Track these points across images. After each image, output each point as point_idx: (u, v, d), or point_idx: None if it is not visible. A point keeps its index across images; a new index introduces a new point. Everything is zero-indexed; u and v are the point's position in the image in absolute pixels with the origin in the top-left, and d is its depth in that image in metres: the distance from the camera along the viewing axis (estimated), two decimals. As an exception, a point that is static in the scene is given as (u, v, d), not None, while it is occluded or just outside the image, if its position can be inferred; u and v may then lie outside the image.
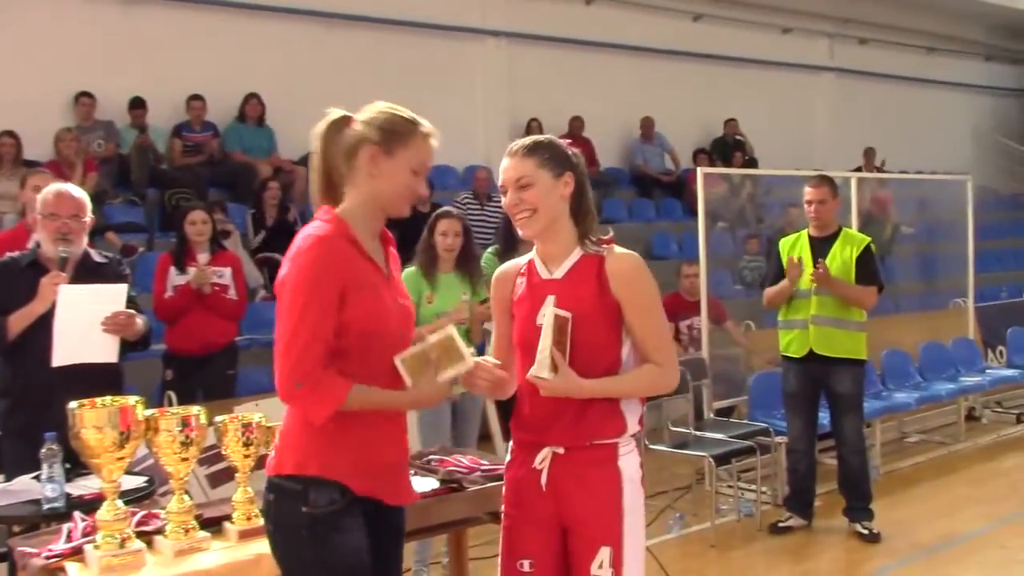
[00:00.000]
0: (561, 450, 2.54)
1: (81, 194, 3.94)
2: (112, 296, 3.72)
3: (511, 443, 2.72)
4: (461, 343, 2.45)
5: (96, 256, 3.99)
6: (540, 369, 2.45)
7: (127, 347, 3.87)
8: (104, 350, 3.70)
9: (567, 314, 2.48)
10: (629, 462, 2.58)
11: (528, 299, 2.61)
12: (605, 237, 2.62)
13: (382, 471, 2.43)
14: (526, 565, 2.59)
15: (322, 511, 2.33)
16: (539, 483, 2.56)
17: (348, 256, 2.36)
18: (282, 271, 2.38)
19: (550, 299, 2.50)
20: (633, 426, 2.60)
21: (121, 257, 4.22)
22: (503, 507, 2.70)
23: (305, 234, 2.38)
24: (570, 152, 2.60)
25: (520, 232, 2.57)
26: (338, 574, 2.35)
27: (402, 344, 2.44)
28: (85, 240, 3.93)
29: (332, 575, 2.35)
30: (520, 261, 2.71)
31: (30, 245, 4.10)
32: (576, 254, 2.58)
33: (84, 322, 3.65)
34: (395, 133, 2.41)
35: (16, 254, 3.93)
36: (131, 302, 3.86)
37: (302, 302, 2.31)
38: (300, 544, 2.35)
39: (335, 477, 2.35)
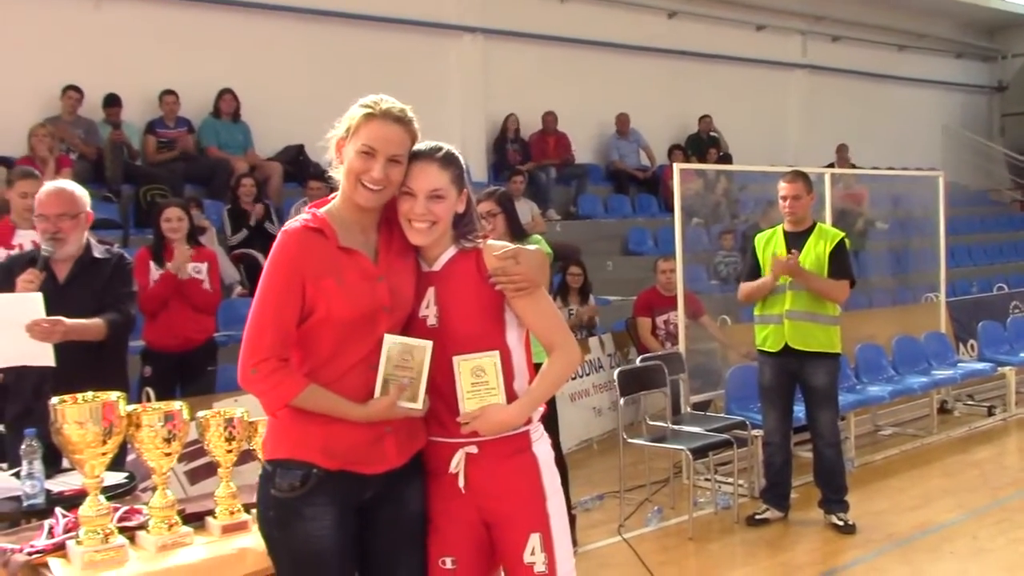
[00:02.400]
0: (474, 449, 2.52)
1: (73, 190, 3.90)
2: (27, 304, 3.62)
3: None
4: (424, 382, 2.44)
5: (96, 252, 3.94)
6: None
7: (96, 347, 3.75)
8: (38, 355, 3.62)
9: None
10: (542, 447, 2.60)
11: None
12: (480, 234, 2.61)
13: (354, 444, 2.44)
14: (448, 562, 2.58)
15: (284, 495, 2.43)
16: (456, 485, 2.53)
17: (313, 247, 2.41)
18: None
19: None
20: (539, 411, 2.62)
21: (123, 252, 4.15)
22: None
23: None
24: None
25: (411, 237, 2.52)
26: (298, 557, 2.45)
27: (368, 328, 2.44)
28: (83, 236, 3.87)
29: (292, 556, 2.46)
30: None
31: (14, 241, 4.10)
32: (452, 249, 2.57)
33: (8, 329, 3.58)
34: (348, 120, 2.47)
35: (17, 252, 3.93)
36: (118, 298, 3.85)
37: (263, 293, 2.42)
38: (268, 523, 2.50)
39: (304, 456, 2.43)
